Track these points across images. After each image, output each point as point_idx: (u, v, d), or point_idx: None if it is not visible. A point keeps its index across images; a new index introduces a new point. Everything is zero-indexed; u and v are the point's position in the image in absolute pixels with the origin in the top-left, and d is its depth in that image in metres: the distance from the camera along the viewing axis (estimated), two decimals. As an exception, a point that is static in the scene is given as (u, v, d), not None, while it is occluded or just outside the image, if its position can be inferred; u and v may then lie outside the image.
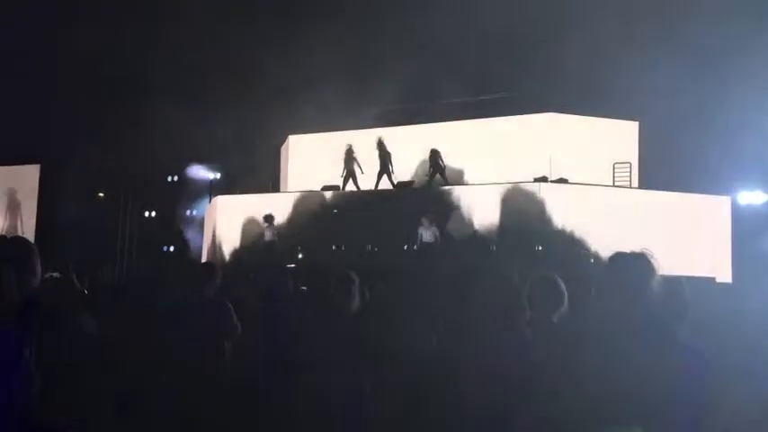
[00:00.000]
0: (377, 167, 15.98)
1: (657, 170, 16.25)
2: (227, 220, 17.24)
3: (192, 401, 4.20)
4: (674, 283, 2.71)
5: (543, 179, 14.75)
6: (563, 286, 3.52)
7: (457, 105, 18.26)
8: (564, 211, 13.89)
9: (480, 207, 14.32)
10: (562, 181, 14.91)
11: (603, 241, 13.34)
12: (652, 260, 2.53)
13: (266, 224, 14.17)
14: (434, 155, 15.51)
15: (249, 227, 15.57)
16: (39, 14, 17.44)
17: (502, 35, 14.46)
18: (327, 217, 15.58)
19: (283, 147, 20.89)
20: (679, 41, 13.43)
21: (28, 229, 21.11)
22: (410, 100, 18.63)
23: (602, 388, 2.28)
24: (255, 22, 17.42)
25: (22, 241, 2.72)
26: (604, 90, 15.35)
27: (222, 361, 4.63)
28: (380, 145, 16.02)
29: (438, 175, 15.61)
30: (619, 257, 2.59)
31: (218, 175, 24.59)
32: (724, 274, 13.88)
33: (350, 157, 16.03)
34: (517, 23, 14.34)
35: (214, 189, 22.11)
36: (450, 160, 15.81)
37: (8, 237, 2.72)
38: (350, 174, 16.02)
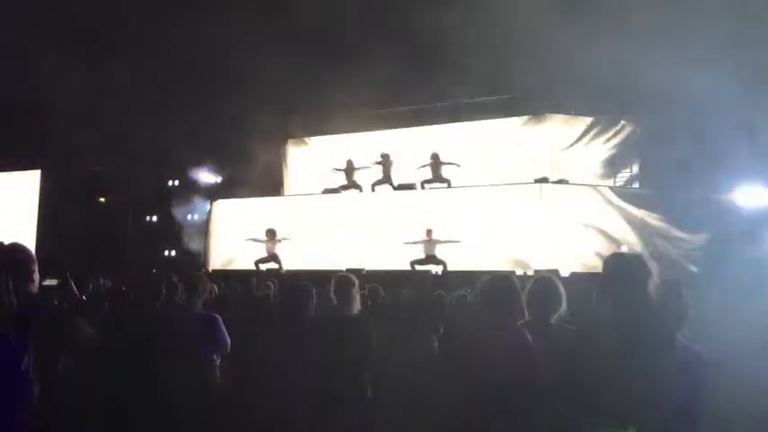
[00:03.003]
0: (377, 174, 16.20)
1: (659, 171, 16.22)
2: (228, 225, 17.27)
3: (183, 413, 4.21)
4: (672, 284, 2.72)
5: (544, 180, 14.76)
6: (561, 287, 3.52)
7: (457, 107, 18.28)
8: (565, 211, 13.88)
9: (480, 208, 14.31)
10: (563, 182, 14.92)
11: (605, 242, 13.36)
12: (648, 261, 2.53)
13: (267, 238, 14.12)
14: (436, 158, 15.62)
15: (250, 232, 15.53)
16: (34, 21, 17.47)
17: (502, 36, 14.45)
18: (328, 220, 15.61)
19: (283, 150, 20.93)
20: (680, 40, 13.42)
21: (28, 236, 21.11)
22: (410, 102, 18.65)
23: (600, 389, 2.28)
24: (255, 24, 17.44)
25: (19, 248, 2.72)
26: (604, 91, 15.35)
27: (212, 373, 4.62)
28: (384, 157, 16.21)
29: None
30: (615, 258, 2.59)
31: (219, 179, 24.61)
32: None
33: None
34: (516, 24, 14.32)
35: (215, 193, 22.09)
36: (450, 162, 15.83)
37: (6, 244, 2.71)
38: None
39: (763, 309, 4.12)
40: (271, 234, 14.09)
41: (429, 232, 13.36)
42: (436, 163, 15.60)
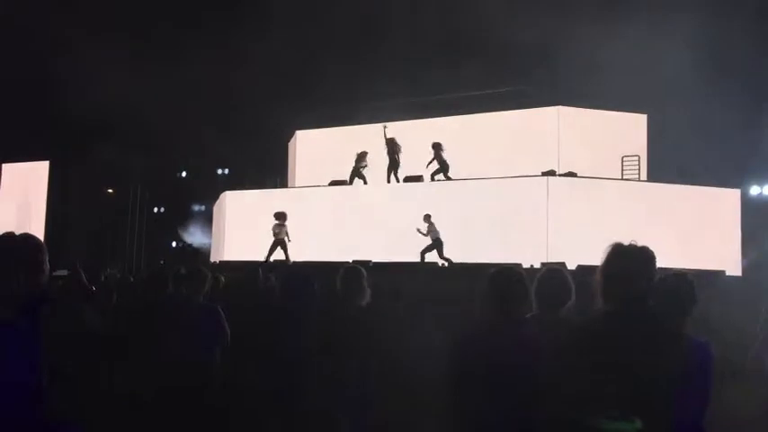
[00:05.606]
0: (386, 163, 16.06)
1: (666, 163, 16.19)
2: (235, 216, 17.32)
3: (186, 402, 4.24)
4: (681, 277, 2.71)
5: (551, 173, 14.72)
6: (571, 280, 3.51)
7: (465, 99, 18.24)
8: (572, 204, 13.86)
9: (487, 201, 14.30)
10: (570, 174, 14.88)
11: (612, 235, 13.31)
12: (651, 252, 2.52)
13: (277, 221, 14.07)
14: (437, 148, 15.43)
15: (257, 222, 15.56)
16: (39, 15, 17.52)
17: (509, 27, 14.40)
18: (336, 212, 15.64)
19: (291, 142, 20.96)
20: (688, 33, 13.35)
21: (37, 226, 21.23)
22: (418, 94, 18.62)
23: (606, 382, 2.28)
24: (260, 16, 17.43)
25: (30, 238, 2.72)
26: (613, 83, 15.29)
27: (214, 364, 4.65)
28: (390, 141, 16.02)
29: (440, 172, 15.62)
30: (618, 249, 2.58)
31: (227, 171, 24.71)
32: (733, 268, 13.82)
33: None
34: (524, 15, 14.28)
35: (223, 184, 22.17)
36: (457, 154, 15.75)
37: (17, 234, 2.72)
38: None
39: None
40: (280, 217, 14.00)
41: (427, 217, 13.32)
42: (437, 151, 15.44)
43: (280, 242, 13.93)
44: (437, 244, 13.19)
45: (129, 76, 17.89)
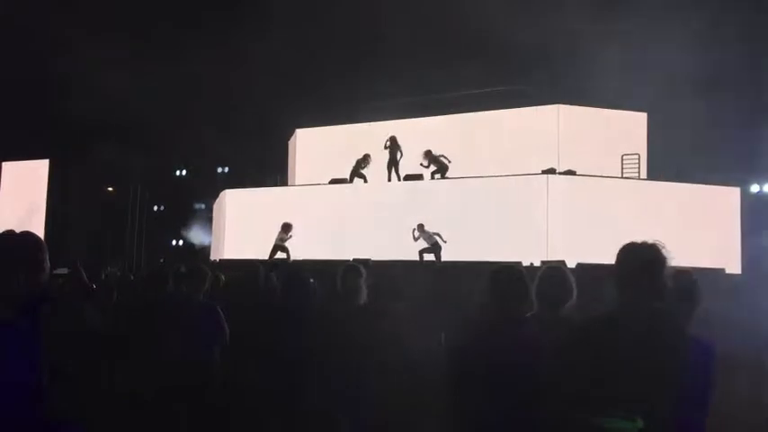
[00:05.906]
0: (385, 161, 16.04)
1: (666, 161, 16.18)
2: (236, 214, 17.32)
3: (186, 400, 4.24)
4: (686, 276, 2.71)
5: (551, 171, 14.71)
6: (572, 279, 3.50)
7: (465, 98, 18.23)
8: (572, 202, 13.85)
9: (487, 199, 14.29)
10: (570, 173, 14.87)
11: (612, 233, 13.29)
12: (663, 250, 2.52)
13: (282, 231, 14.14)
14: (428, 155, 15.35)
15: (258, 221, 15.57)
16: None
17: (509, 27, 14.40)
18: (335, 211, 15.63)
19: (291, 140, 20.95)
20: (688, 31, 13.35)
21: (37, 225, 21.21)
22: (418, 93, 18.61)
23: (609, 380, 2.28)
24: (260, 16, 17.43)
25: (30, 236, 2.72)
26: (613, 81, 15.28)
27: (214, 363, 4.65)
28: (392, 139, 16.01)
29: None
30: (630, 247, 2.58)
31: (227, 169, 24.72)
32: (733, 266, 13.81)
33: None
34: (524, 15, 14.27)
35: (223, 183, 22.15)
36: (457, 153, 15.74)
37: (17, 232, 2.71)
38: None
39: None
40: (287, 228, 14.14)
41: (421, 227, 13.34)
42: (430, 158, 15.42)
43: (282, 247, 14.04)
44: (435, 248, 13.22)
45: (129, 75, 17.86)
